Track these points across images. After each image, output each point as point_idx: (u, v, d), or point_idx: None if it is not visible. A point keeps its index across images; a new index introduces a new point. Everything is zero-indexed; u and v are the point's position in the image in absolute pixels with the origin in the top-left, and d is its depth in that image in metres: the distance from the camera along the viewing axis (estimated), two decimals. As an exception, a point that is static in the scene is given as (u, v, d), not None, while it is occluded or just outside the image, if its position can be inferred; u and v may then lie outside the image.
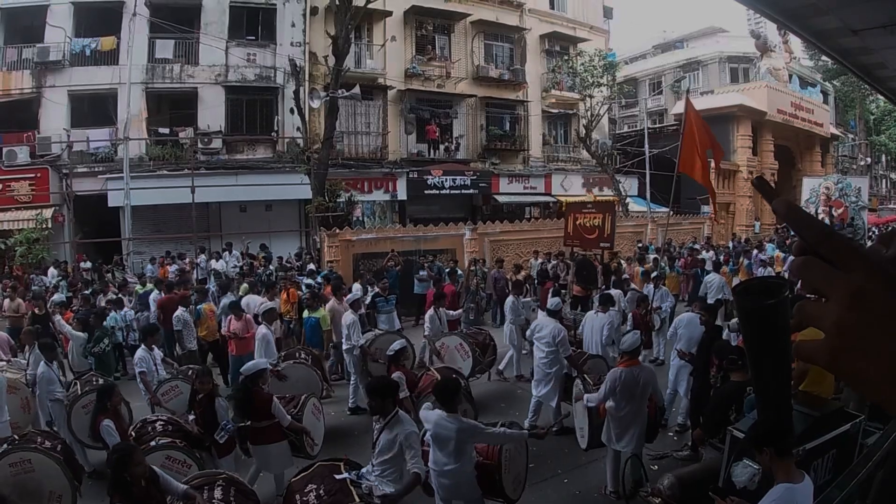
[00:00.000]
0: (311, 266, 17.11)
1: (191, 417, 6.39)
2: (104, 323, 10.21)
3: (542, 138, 29.33)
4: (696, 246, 20.67)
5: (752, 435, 3.81)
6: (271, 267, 18.19)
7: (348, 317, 9.66)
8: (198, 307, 11.37)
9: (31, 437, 6.09)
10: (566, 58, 29.37)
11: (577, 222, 15.60)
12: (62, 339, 10.12)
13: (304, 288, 13.30)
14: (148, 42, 22.07)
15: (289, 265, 18.32)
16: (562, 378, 8.08)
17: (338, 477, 4.67)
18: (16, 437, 6.29)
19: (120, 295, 13.66)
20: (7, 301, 12.60)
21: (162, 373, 8.13)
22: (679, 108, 25.21)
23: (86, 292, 13.55)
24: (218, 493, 4.65)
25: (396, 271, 16.02)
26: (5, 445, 5.75)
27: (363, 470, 4.86)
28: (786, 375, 0.92)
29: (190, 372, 8.22)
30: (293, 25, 23.58)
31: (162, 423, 6.38)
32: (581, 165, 30.08)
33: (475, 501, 5.11)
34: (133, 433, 6.13)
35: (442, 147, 26.19)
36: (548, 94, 29.12)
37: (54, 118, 21.66)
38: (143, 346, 8.18)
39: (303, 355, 9.09)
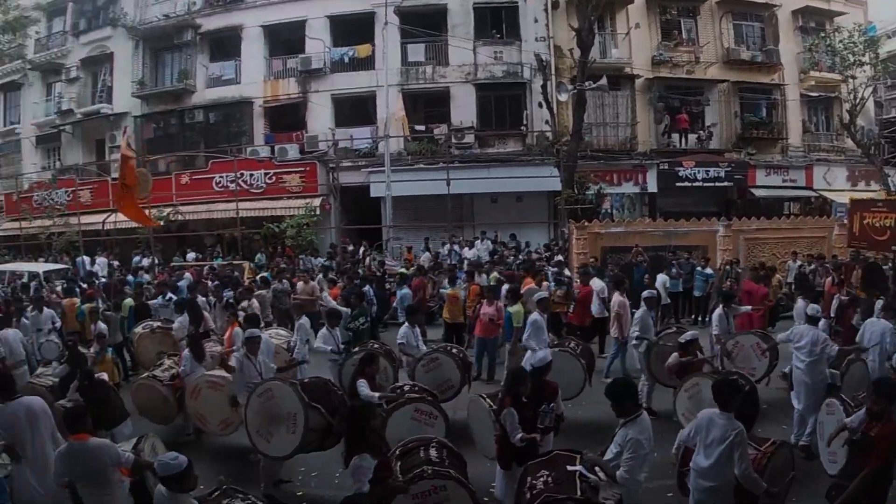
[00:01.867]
0: (559, 257, 17.09)
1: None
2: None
3: (801, 125, 26.33)
4: None
5: None
6: (521, 256, 18.51)
7: (639, 312, 9.56)
8: (444, 290, 13.04)
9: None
10: (822, 34, 26.18)
11: (865, 221, 13.82)
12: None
13: (549, 278, 13.44)
14: (400, 47, 23.70)
15: (537, 255, 18.40)
16: (824, 391, 7.24)
17: (570, 468, 4.81)
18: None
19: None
20: (301, 283, 13.50)
21: (422, 346, 9.17)
22: None
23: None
24: (433, 452, 5.24)
25: (644, 267, 15.07)
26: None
27: (596, 468, 4.86)
28: None
29: (448, 347, 9.34)
30: (536, 21, 23.79)
31: (409, 385, 7.41)
32: (845, 156, 26.65)
33: None
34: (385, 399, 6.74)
35: (693, 137, 24.71)
36: (806, 76, 26.08)
37: (320, 119, 24.19)
38: (406, 323, 9.32)
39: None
